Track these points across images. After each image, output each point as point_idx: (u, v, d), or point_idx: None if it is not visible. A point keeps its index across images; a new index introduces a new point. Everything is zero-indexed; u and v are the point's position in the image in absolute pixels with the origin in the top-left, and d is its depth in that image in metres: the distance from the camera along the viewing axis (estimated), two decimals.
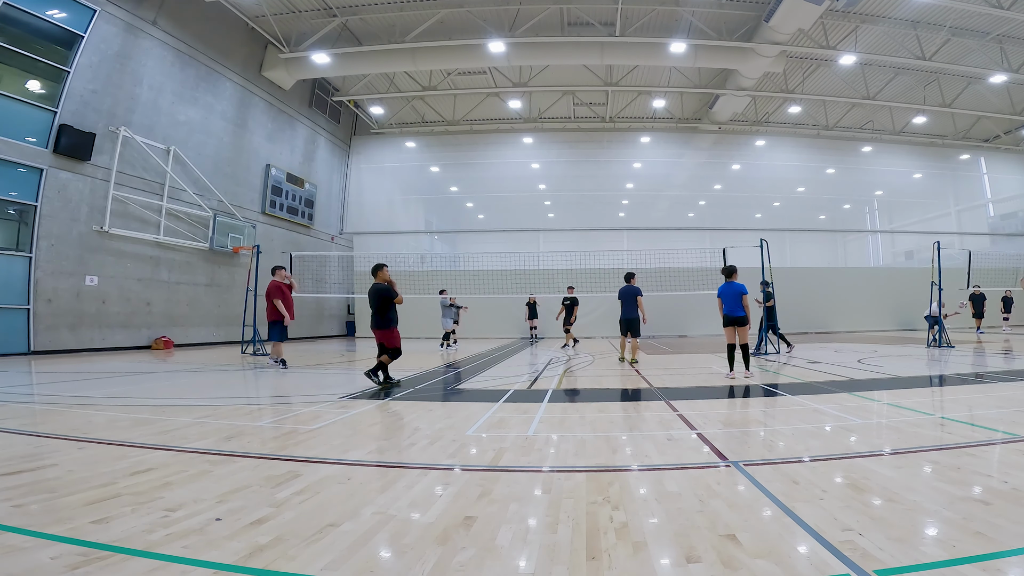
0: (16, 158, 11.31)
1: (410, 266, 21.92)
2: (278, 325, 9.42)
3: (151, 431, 4.23)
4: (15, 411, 5.20)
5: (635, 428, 4.43)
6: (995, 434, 3.90)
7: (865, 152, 24.87)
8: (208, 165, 16.24)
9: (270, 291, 9.47)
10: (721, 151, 24.38)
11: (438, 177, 24.95)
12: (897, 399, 5.59)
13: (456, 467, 3.29)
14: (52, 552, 2.01)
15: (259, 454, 3.54)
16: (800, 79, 20.57)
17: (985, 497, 2.55)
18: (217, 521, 2.34)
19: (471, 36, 17.02)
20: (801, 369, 8.56)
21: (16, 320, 11.36)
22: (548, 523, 2.34)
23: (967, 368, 8.52)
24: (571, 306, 14.65)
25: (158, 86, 14.45)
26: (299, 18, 17.06)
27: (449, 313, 14.94)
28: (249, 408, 5.52)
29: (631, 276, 10.28)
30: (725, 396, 6.19)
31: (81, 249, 12.51)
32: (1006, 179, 25.40)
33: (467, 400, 6.07)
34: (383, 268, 7.13)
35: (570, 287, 14.91)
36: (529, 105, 23.41)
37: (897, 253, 25.93)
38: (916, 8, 16.07)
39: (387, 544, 2.14)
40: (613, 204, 24.73)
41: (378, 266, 7.12)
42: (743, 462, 3.27)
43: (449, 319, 14.95)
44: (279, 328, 9.44)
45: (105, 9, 12.71)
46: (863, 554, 1.96)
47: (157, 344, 14.10)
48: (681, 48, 16.85)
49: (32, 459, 3.37)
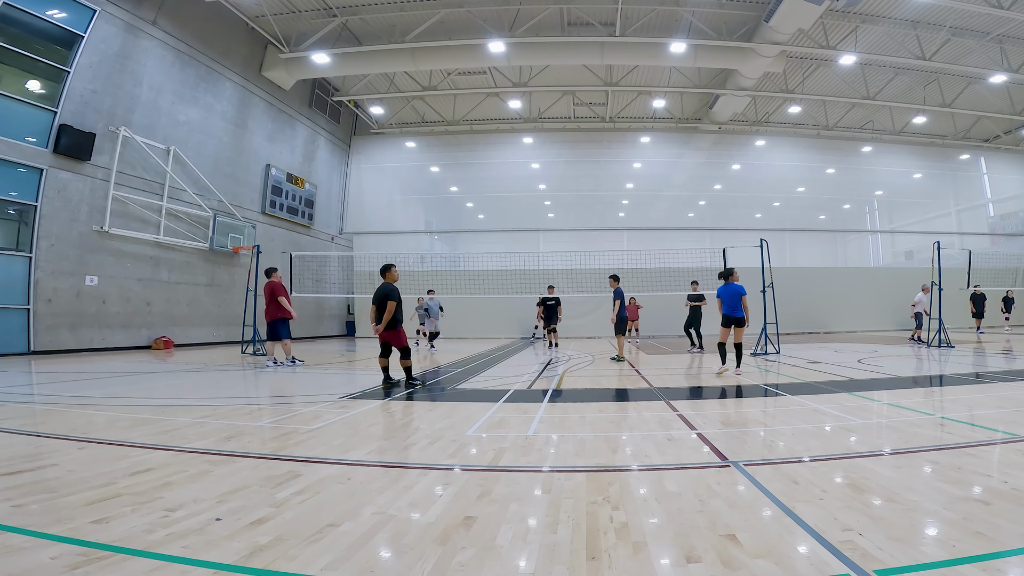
0: (16, 158, 11.31)
1: (410, 266, 21.92)
2: (285, 323, 9.48)
3: (151, 431, 4.23)
4: (15, 411, 5.20)
5: (635, 428, 4.43)
6: (995, 434, 3.90)
7: (865, 152, 24.87)
8: (208, 165, 16.24)
9: (275, 289, 9.55)
10: (721, 151, 24.38)
11: (438, 177, 24.95)
12: (897, 399, 5.59)
13: (456, 467, 3.29)
14: (52, 552, 2.01)
15: (259, 454, 3.54)
16: (800, 79, 20.57)
17: (985, 497, 2.55)
18: (217, 521, 2.34)
19: (471, 36, 17.02)
20: (801, 369, 8.56)
21: (16, 320, 11.36)
22: (548, 523, 2.34)
23: (967, 368, 8.52)
24: (554, 306, 14.53)
25: (158, 86, 14.45)
26: (299, 18, 17.06)
27: (436, 313, 14.96)
28: (249, 408, 5.52)
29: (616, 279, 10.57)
30: (725, 396, 6.19)
31: (81, 249, 12.51)
32: (1006, 179, 25.40)
33: (467, 400, 6.07)
34: (392, 268, 7.04)
35: (550, 287, 14.84)
36: (529, 105, 23.41)
37: (897, 253, 25.92)
38: (916, 8, 16.06)
39: (387, 544, 2.14)
40: (613, 204, 24.73)
41: (387, 266, 7.04)
42: (743, 462, 3.27)
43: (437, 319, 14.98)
44: (286, 326, 9.54)
45: (105, 9, 12.71)
46: (863, 554, 1.96)
47: (157, 344, 14.10)
48: (681, 48, 16.85)
49: (32, 459, 3.37)
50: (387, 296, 6.77)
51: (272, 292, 9.54)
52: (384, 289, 6.85)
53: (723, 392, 6.42)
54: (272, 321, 9.60)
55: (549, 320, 14.84)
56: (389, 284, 6.93)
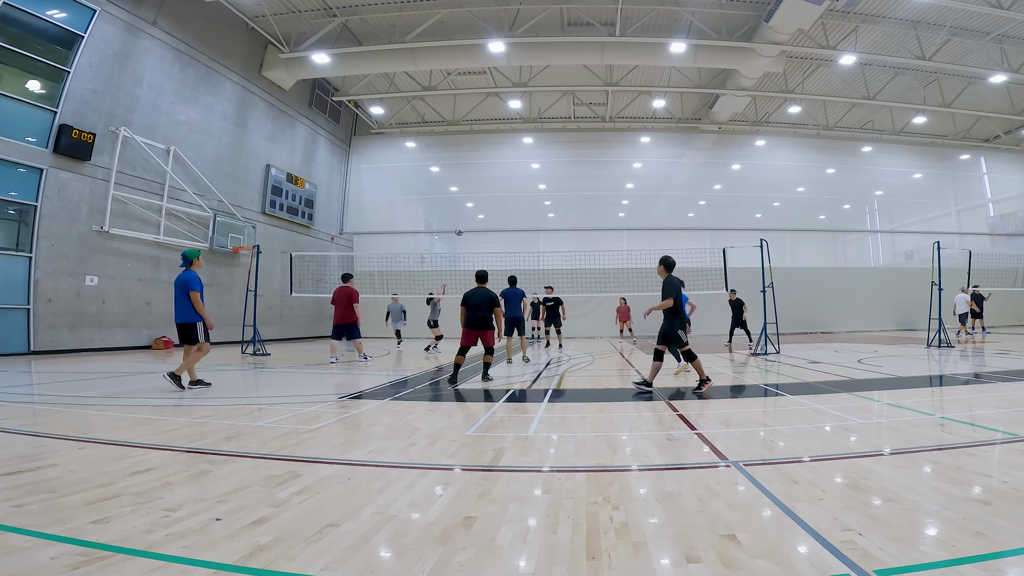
0: (16, 158, 11.31)
1: (410, 266, 21.92)
2: (355, 326, 10.59)
3: (151, 431, 4.23)
4: (15, 411, 5.20)
5: (635, 428, 4.43)
6: (995, 434, 3.90)
7: (865, 152, 24.87)
8: (208, 165, 16.23)
9: (351, 295, 10.53)
10: (721, 151, 24.39)
11: (438, 177, 24.95)
12: (897, 399, 5.59)
13: (456, 467, 3.29)
14: (52, 552, 2.01)
15: (259, 454, 3.54)
16: (800, 79, 20.57)
17: (985, 497, 2.55)
18: (217, 521, 2.34)
19: (471, 36, 17.03)
20: (801, 369, 8.56)
21: (16, 320, 11.36)
22: (548, 523, 2.34)
23: (967, 368, 8.52)
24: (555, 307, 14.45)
25: (158, 86, 14.45)
26: (299, 18, 17.06)
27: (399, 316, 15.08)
28: (249, 408, 5.52)
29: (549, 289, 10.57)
30: (725, 396, 6.19)
31: (81, 249, 12.51)
32: (1006, 179, 25.40)
33: (467, 400, 6.07)
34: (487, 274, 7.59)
35: (548, 287, 14.79)
36: (529, 105, 23.41)
37: (897, 253, 25.93)
38: (916, 8, 16.06)
39: (387, 544, 2.14)
40: (613, 204, 24.74)
41: (484, 272, 7.54)
42: (743, 462, 3.27)
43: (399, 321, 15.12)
44: (357, 327, 10.63)
45: (105, 9, 12.71)
46: (863, 554, 1.96)
47: (157, 344, 14.09)
48: (681, 48, 16.85)
49: (32, 459, 3.37)
50: (493, 301, 7.35)
51: (350, 298, 10.51)
52: (490, 294, 7.36)
53: (723, 392, 6.42)
54: (350, 324, 10.55)
55: (551, 321, 14.76)
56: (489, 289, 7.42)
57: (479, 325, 7.30)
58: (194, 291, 6.62)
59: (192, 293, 6.61)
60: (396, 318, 14.95)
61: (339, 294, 10.69)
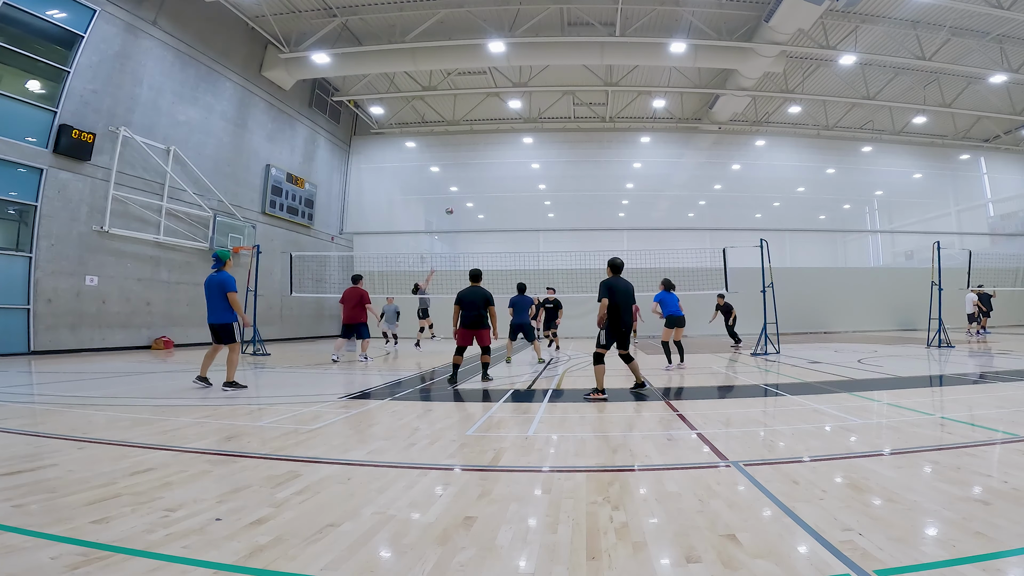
0: (16, 158, 11.30)
1: (410, 266, 21.90)
2: (365, 326, 10.89)
3: (151, 431, 4.23)
4: (15, 411, 5.20)
5: (635, 428, 4.43)
6: (995, 434, 3.91)
7: (865, 152, 24.87)
8: (208, 165, 16.23)
9: (362, 296, 10.79)
10: (721, 151, 24.39)
11: (438, 177, 24.95)
12: (897, 399, 5.59)
13: (456, 467, 3.29)
14: (52, 552, 2.01)
15: (259, 454, 3.54)
16: (800, 79, 20.56)
17: (985, 497, 2.55)
18: (217, 521, 2.34)
19: (471, 36, 17.02)
20: (801, 369, 8.56)
21: (16, 320, 11.35)
22: (548, 523, 2.34)
23: (967, 368, 8.52)
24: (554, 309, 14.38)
25: (158, 86, 14.44)
26: (299, 18, 17.06)
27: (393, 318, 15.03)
28: (249, 408, 5.52)
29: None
30: (725, 396, 6.19)
31: (81, 249, 12.50)
32: (1006, 179, 25.40)
33: (467, 400, 6.07)
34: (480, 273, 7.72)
35: (550, 288, 14.73)
36: (529, 105, 23.41)
37: (897, 253, 25.93)
38: (916, 8, 16.06)
39: (387, 544, 2.14)
40: (613, 204, 24.73)
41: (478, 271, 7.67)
42: (743, 462, 3.27)
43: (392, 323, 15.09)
44: (366, 328, 10.93)
45: (105, 9, 12.70)
46: (863, 554, 1.96)
47: (157, 344, 14.09)
48: (681, 48, 16.84)
49: (32, 459, 3.37)
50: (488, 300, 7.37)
51: (361, 298, 10.78)
52: (484, 293, 7.38)
53: (723, 392, 6.42)
54: (359, 324, 10.80)
55: (549, 324, 14.68)
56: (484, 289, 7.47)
57: (474, 324, 7.31)
58: (233, 292, 6.73)
59: (231, 294, 6.72)
60: (390, 320, 14.95)
61: (349, 294, 10.86)
